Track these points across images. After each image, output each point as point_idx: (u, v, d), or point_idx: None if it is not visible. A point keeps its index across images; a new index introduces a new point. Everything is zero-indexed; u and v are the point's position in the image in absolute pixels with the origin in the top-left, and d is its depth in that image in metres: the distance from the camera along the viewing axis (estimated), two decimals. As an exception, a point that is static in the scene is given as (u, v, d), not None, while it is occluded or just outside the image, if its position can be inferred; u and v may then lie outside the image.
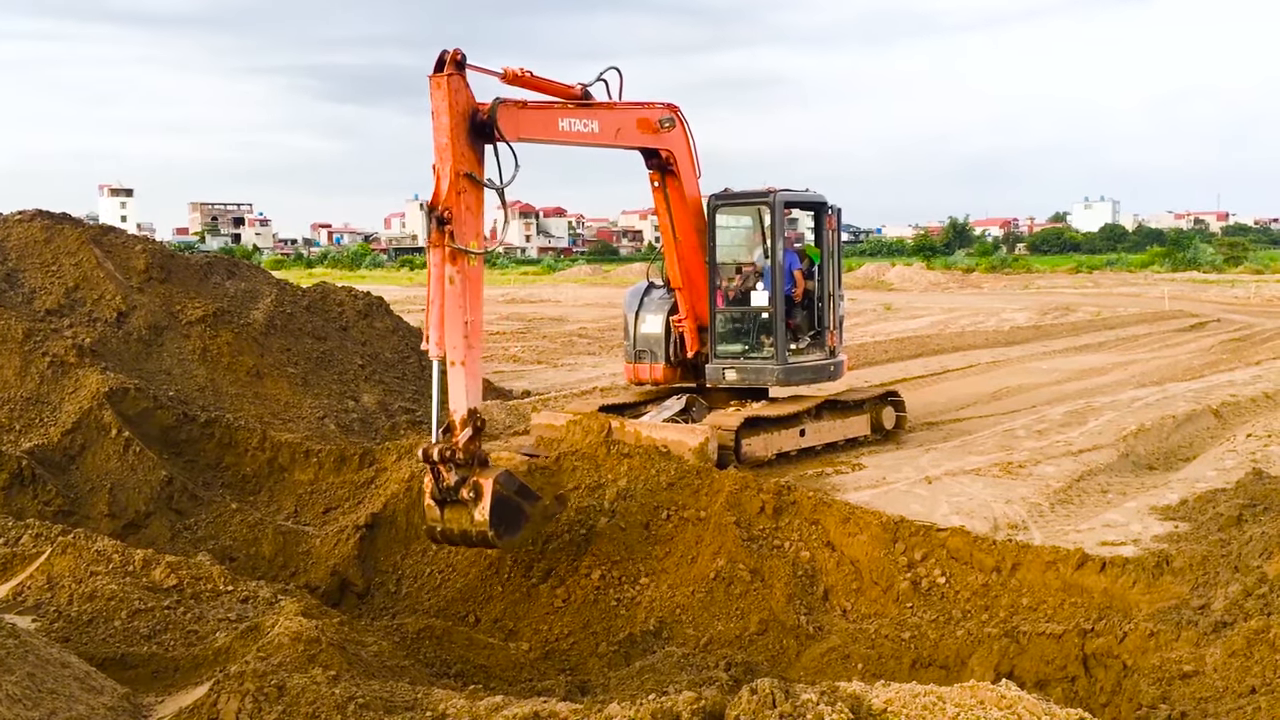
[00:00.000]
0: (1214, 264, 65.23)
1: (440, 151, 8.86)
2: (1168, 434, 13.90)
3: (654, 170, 12.63)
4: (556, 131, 10.37)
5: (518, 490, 8.88)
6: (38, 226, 15.29)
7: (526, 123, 9.79)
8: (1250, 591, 7.01)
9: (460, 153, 8.85)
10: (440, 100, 8.85)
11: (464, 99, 8.96)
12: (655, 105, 11.99)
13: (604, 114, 11.04)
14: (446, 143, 8.82)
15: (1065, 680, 6.90)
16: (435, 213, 8.73)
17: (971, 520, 9.78)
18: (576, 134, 10.61)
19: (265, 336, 15.35)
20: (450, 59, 8.87)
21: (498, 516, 8.54)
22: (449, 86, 8.83)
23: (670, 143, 12.18)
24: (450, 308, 8.67)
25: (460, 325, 8.68)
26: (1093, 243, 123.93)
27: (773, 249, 12.93)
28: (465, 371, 8.69)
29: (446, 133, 8.83)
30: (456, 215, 8.72)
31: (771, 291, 12.94)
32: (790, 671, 7.75)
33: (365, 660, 6.69)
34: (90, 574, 7.69)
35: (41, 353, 12.63)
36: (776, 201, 12.92)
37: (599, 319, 32.13)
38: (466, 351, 8.70)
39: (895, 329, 29.68)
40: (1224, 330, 28.68)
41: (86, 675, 5.94)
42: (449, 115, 8.82)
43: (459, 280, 8.69)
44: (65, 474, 11.08)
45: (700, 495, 9.61)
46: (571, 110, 10.57)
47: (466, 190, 8.86)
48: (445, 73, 8.86)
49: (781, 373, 12.93)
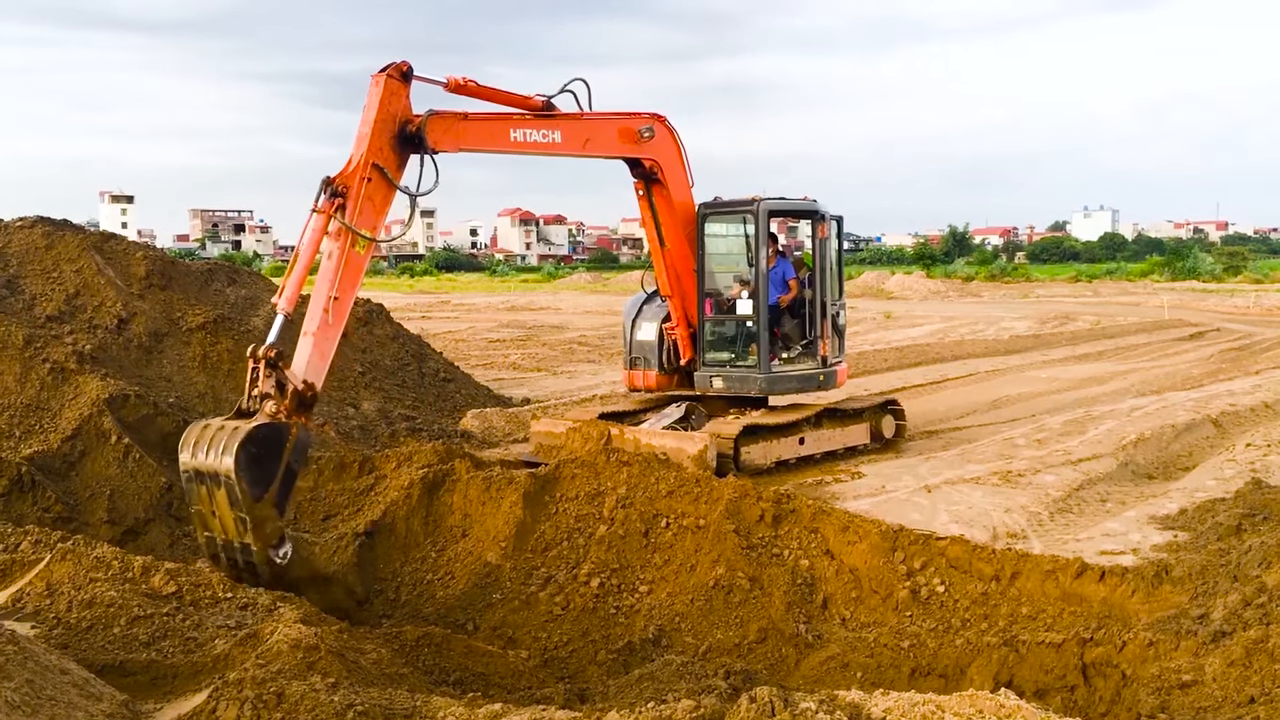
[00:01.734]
0: (1213, 273, 65.31)
1: (359, 140, 9.21)
2: (1167, 443, 13.90)
3: (639, 179, 12.70)
4: (508, 142, 10.60)
5: (294, 464, 8.23)
6: (39, 233, 15.30)
7: (468, 134, 10.10)
8: (1249, 601, 7.01)
9: (376, 146, 9.19)
10: (373, 96, 9.26)
11: (397, 103, 9.37)
12: (639, 115, 12.04)
13: (568, 124, 11.11)
14: (366, 133, 9.18)
15: (1064, 689, 6.90)
16: (331, 184, 8.89)
17: (971, 529, 9.79)
18: (534, 144, 10.79)
19: (265, 343, 15.36)
20: (395, 66, 9.34)
21: (261, 445, 7.96)
22: (385, 87, 9.28)
23: (653, 151, 12.21)
24: (320, 280, 8.86)
25: (324, 298, 8.80)
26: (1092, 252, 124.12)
27: (756, 257, 12.96)
28: (313, 343, 8.72)
29: (369, 125, 9.20)
30: (352, 194, 8.93)
31: (755, 300, 12.96)
32: (789, 680, 7.75)
33: (364, 668, 6.68)
34: (89, 581, 7.68)
35: (42, 359, 12.63)
36: (760, 210, 12.94)
37: (599, 326, 32.15)
38: (321, 325, 8.77)
39: (895, 337, 29.69)
40: (1223, 339, 28.70)
41: (85, 682, 5.93)
42: (375, 110, 9.21)
43: (336, 256, 8.86)
44: (65, 480, 11.07)
45: (699, 503, 9.61)
46: (527, 121, 10.74)
47: (373, 179, 9.10)
48: (385, 73, 9.32)
49: (765, 381, 12.94)
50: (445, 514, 10.40)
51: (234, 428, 8.06)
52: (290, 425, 8.24)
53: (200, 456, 8.06)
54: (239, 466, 7.88)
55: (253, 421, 8.13)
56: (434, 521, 10.41)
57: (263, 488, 8.04)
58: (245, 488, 7.92)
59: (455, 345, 26.24)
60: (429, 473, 10.72)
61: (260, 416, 8.20)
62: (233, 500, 7.98)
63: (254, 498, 7.97)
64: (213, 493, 8.09)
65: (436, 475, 10.68)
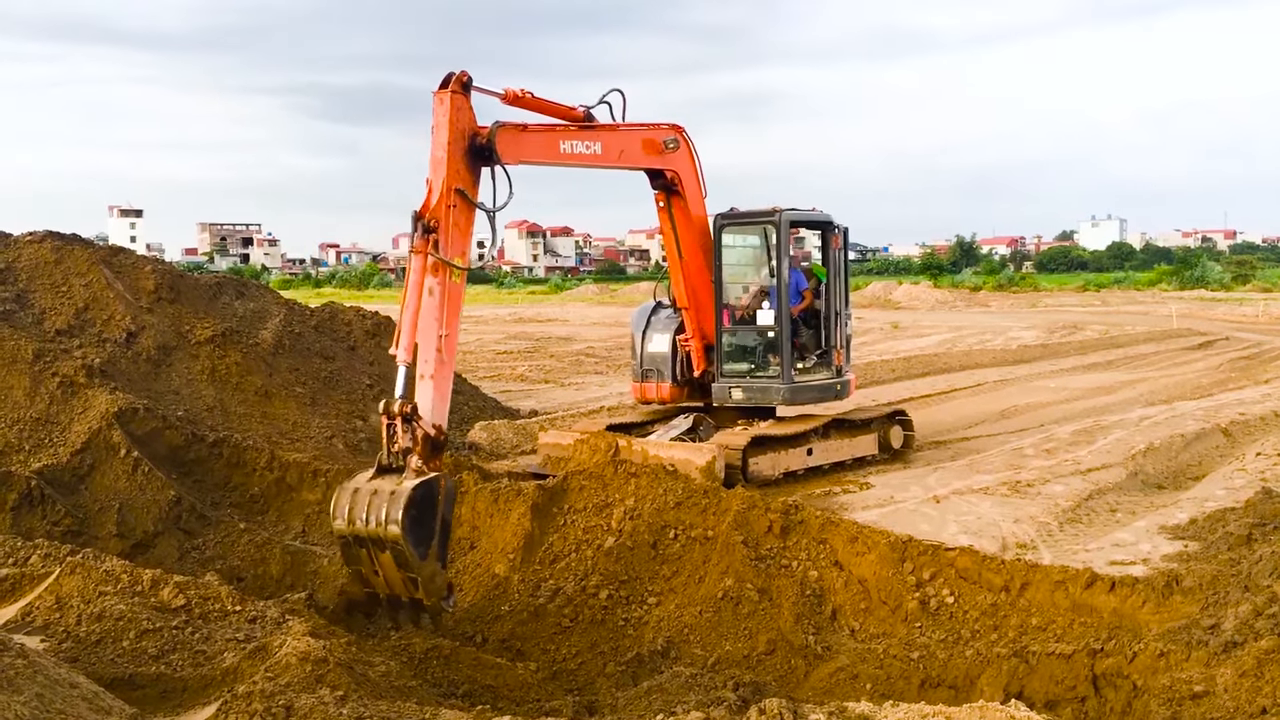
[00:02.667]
0: (1222, 282, 65.23)
1: (435, 165, 8.97)
2: (1177, 453, 13.86)
3: (659, 191, 12.67)
4: (557, 154, 10.45)
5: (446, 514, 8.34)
6: (48, 248, 15.36)
7: (527, 146, 9.88)
8: (1261, 611, 6.97)
9: (455, 169, 8.96)
10: (441, 115, 8.99)
11: (465, 118, 9.11)
12: (660, 126, 12.03)
13: (607, 135, 11.10)
14: (442, 156, 8.93)
15: (1075, 701, 6.87)
16: (422, 220, 8.75)
17: (980, 539, 9.76)
18: (578, 155, 10.68)
19: (274, 356, 15.40)
20: (456, 79, 9.03)
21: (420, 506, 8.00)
22: (451, 103, 8.99)
23: (675, 163, 12.22)
24: (426, 319, 8.64)
25: (434, 338, 8.62)
26: (1100, 261, 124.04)
27: (778, 268, 12.96)
28: (433, 386, 8.60)
29: (443, 147, 8.96)
30: (443, 227, 8.76)
31: (777, 310, 12.96)
32: (798, 691, 7.72)
33: (373, 680, 6.68)
34: (98, 594, 7.70)
35: (51, 373, 12.67)
36: (782, 221, 12.96)
37: (606, 338, 32.17)
38: (437, 366, 8.63)
39: (903, 348, 29.66)
40: (1232, 348, 28.62)
41: (95, 695, 5.94)
42: (448, 130, 8.95)
43: (438, 292, 8.68)
44: (74, 494, 11.10)
45: (708, 514, 9.60)
46: (573, 132, 10.66)
47: (457, 205, 8.92)
48: (449, 89, 9.02)
49: (788, 391, 12.93)
50: (453, 526, 10.40)
51: (389, 491, 8.02)
52: (439, 477, 8.27)
53: (360, 524, 8.03)
54: (405, 532, 7.89)
55: (405, 481, 8.10)
56: (442, 534, 10.41)
57: (426, 545, 8.11)
58: (412, 550, 7.95)
59: (462, 357, 26.28)
60: (437, 485, 10.72)
61: (409, 474, 8.18)
62: (400, 563, 8.02)
63: (421, 557, 8.03)
64: (375, 556, 8.10)
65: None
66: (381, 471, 8.29)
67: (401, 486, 8.02)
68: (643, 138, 11.76)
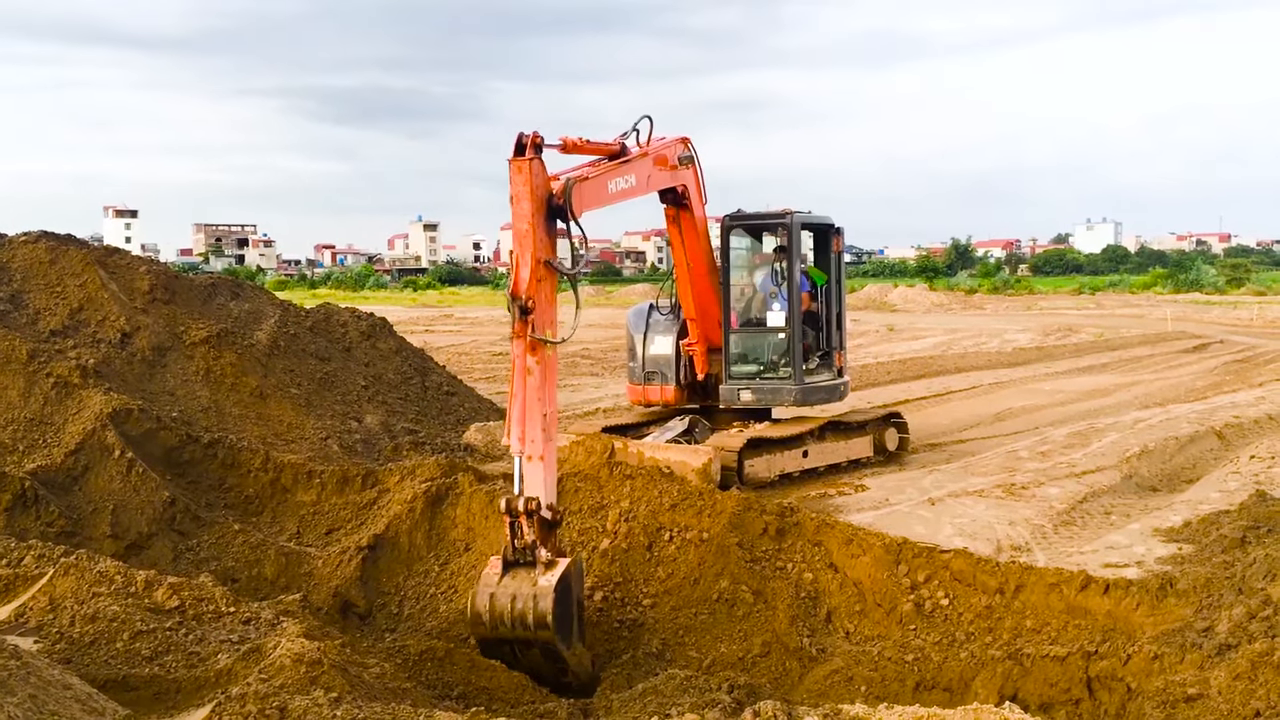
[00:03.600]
0: (1216, 285, 65.41)
1: (520, 239, 8.45)
2: (1171, 456, 13.88)
3: (669, 205, 12.54)
4: (608, 195, 10.03)
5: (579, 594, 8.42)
6: (43, 248, 15.34)
7: (588, 195, 9.43)
8: (1254, 614, 6.99)
9: (540, 240, 8.46)
10: (521, 185, 8.41)
11: (543, 183, 8.58)
12: (671, 141, 11.91)
13: (637, 166, 10.75)
14: (528, 229, 8.41)
15: (1069, 703, 6.88)
16: (519, 301, 8.30)
17: (975, 542, 9.77)
18: (621, 192, 10.30)
19: (269, 357, 15.39)
20: (530, 143, 8.47)
21: (562, 601, 7.99)
22: (530, 170, 8.42)
23: (686, 177, 12.17)
24: (530, 401, 8.37)
25: (539, 418, 8.38)
26: (1095, 264, 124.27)
27: (789, 270, 12.98)
28: (544, 465, 8.39)
29: (528, 219, 8.41)
30: (538, 304, 8.39)
31: (788, 312, 12.99)
32: (793, 694, 7.73)
33: (367, 682, 6.68)
34: (92, 595, 7.69)
35: (45, 374, 12.65)
36: (794, 223, 13.00)
37: (602, 340, 32.14)
38: (545, 445, 8.42)
39: (898, 350, 29.69)
40: (1227, 352, 28.67)
41: (88, 697, 5.94)
42: (530, 201, 8.40)
43: (538, 371, 8.41)
44: (68, 495, 11.08)
45: (703, 516, 9.60)
46: (614, 170, 10.23)
47: (545, 278, 8.53)
48: (526, 157, 8.43)
49: (800, 393, 12.97)
50: (448, 528, 10.41)
51: (530, 594, 7.94)
52: (570, 563, 8.20)
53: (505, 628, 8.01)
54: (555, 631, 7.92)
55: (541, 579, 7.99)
56: (437, 535, 10.42)
57: (570, 632, 8.14)
58: (561, 643, 7.99)
59: (458, 358, 26.26)
60: (432, 486, 10.72)
61: (540, 569, 8.07)
62: (549, 657, 8.07)
63: (568, 646, 8.07)
64: (521, 651, 8.12)
65: (440, 489, 10.69)
66: (509, 567, 8.16)
67: (540, 586, 7.94)
68: (656, 155, 11.42)
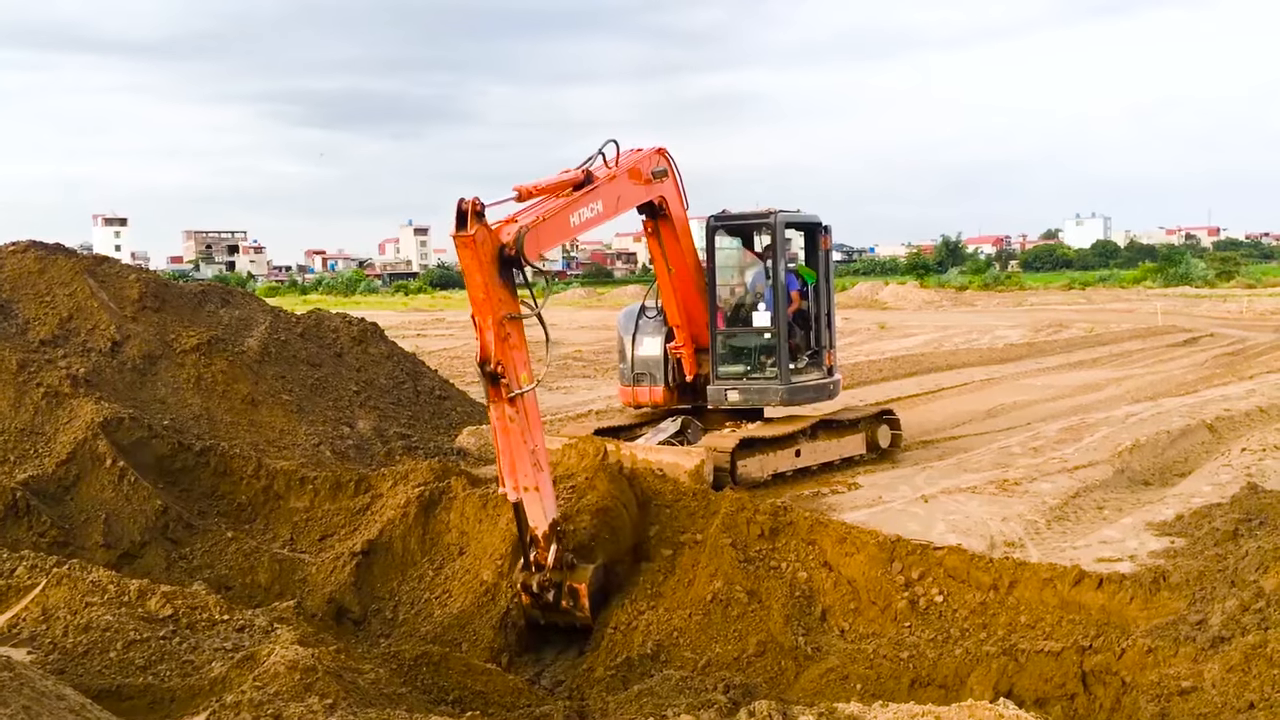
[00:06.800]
0: (1206, 279, 65.53)
1: (478, 306, 8.48)
2: (1163, 449, 13.91)
3: (647, 217, 12.49)
4: (570, 229, 10.03)
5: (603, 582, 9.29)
6: (31, 257, 15.29)
7: (545, 236, 9.43)
8: (1247, 606, 7.01)
9: (497, 299, 8.50)
10: (469, 259, 8.42)
11: (490, 246, 8.54)
12: (646, 153, 11.82)
13: (604, 191, 10.62)
14: (483, 297, 8.45)
15: (1064, 698, 6.90)
16: (488, 369, 8.39)
17: (968, 538, 9.78)
18: (586, 222, 10.28)
19: (260, 364, 15.35)
20: (471, 212, 8.40)
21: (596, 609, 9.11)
22: (474, 243, 8.39)
23: (663, 189, 12.11)
24: (515, 445, 8.56)
25: (526, 456, 8.60)
26: (1085, 259, 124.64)
27: (775, 269, 12.97)
28: (540, 494, 8.70)
29: (481, 288, 8.45)
30: (507, 365, 8.43)
31: (774, 312, 12.98)
32: (789, 693, 7.73)
33: (362, 688, 6.67)
34: (85, 605, 7.67)
35: (36, 383, 12.61)
36: (778, 222, 12.98)
37: (593, 342, 32.13)
38: (536, 476, 8.66)
39: (889, 348, 29.72)
40: (1217, 345, 28.76)
41: (82, 707, 5.91)
42: (480, 272, 8.43)
43: (519, 418, 8.54)
44: (60, 505, 11.05)
45: (696, 517, 9.61)
46: (577, 201, 10.11)
47: (510, 333, 8.57)
48: (469, 230, 8.37)
49: (786, 392, 12.96)
50: (442, 532, 10.40)
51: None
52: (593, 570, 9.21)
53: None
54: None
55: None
56: (431, 540, 10.41)
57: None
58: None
59: (450, 362, 26.21)
60: (425, 491, 10.71)
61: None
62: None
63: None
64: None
65: (433, 493, 10.68)
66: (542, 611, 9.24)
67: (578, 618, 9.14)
68: (629, 169, 11.30)
